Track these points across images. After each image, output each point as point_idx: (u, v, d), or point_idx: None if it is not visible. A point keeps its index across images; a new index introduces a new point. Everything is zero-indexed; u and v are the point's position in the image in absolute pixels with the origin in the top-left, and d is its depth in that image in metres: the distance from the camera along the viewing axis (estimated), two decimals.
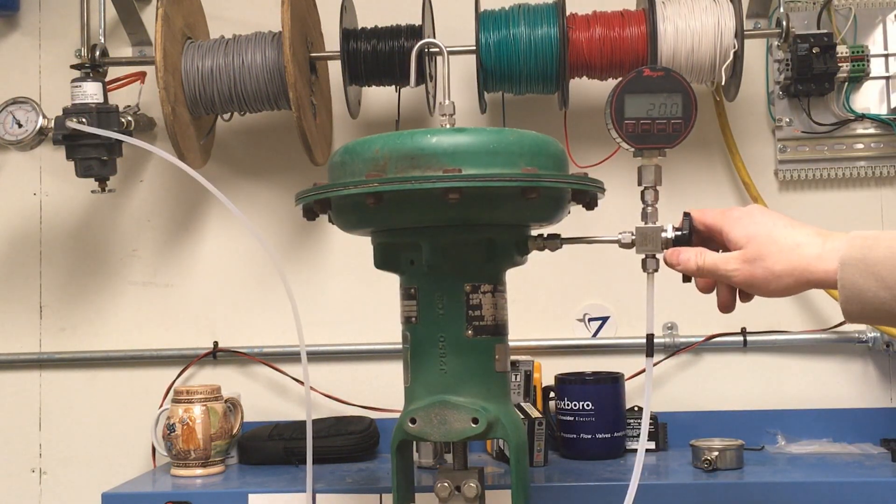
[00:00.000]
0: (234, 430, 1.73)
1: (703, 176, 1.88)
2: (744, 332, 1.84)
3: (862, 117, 1.82)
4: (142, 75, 1.88)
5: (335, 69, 1.86)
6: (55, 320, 1.97)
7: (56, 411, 1.96)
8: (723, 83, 1.74)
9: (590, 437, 1.68)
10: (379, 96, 1.91)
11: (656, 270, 1.13)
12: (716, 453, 1.57)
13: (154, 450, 1.85)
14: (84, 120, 1.65)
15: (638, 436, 1.66)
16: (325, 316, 1.92)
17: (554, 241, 1.20)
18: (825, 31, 1.76)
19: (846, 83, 1.82)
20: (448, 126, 1.19)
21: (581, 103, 1.85)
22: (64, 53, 1.95)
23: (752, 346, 1.85)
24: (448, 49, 1.32)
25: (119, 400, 1.95)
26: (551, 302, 1.90)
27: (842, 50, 1.78)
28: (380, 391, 1.89)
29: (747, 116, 1.88)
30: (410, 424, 1.17)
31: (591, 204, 1.22)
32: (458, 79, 1.82)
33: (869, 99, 1.83)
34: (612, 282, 1.89)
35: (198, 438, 1.66)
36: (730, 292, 1.10)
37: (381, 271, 1.24)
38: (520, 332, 1.71)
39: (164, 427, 1.69)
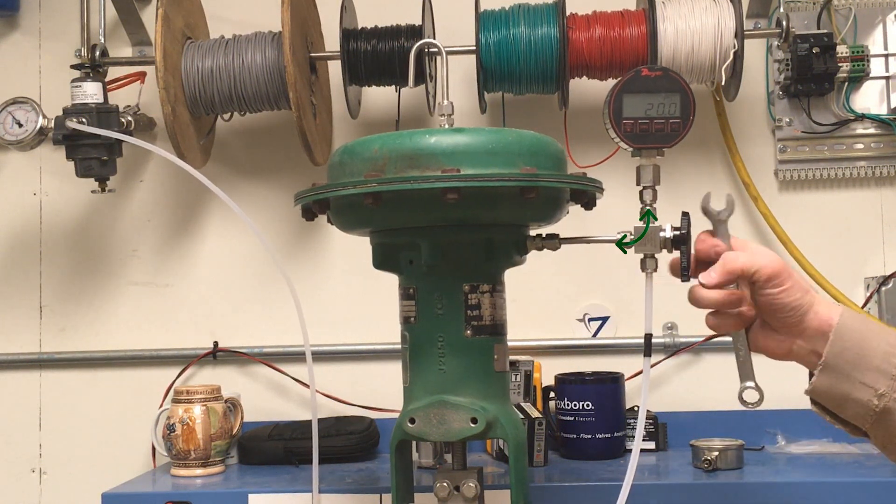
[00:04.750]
0: (234, 430, 1.74)
1: (702, 176, 1.88)
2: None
3: (862, 117, 1.82)
4: (142, 75, 1.88)
5: (335, 69, 1.86)
6: (55, 320, 1.98)
7: (56, 411, 1.96)
8: (723, 83, 1.74)
9: (590, 437, 1.68)
10: (379, 96, 1.91)
11: (655, 270, 1.13)
12: (716, 453, 1.57)
13: (154, 450, 1.85)
14: (84, 120, 1.65)
15: None
16: (325, 316, 1.91)
17: (553, 241, 1.20)
18: (825, 31, 1.76)
19: (846, 83, 1.81)
20: (447, 126, 1.19)
21: (581, 103, 1.85)
22: (64, 53, 1.95)
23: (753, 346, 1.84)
24: (448, 49, 1.32)
25: (119, 400, 1.95)
26: (551, 302, 1.90)
27: (842, 50, 1.78)
28: (380, 391, 1.89)
29: (747, 116, 1.88)
30: (410, 424, 1.17)
31: (589, 204, 1.22)
32: (458, 79, 1.82)
33: (869, 99, 1.83)
34: (612, 282, 1.88)
35: (198, 438, 1.66)
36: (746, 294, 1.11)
37: (380, 271, 1.24)
38: (520, 332, 1.71)
39: (164, 427, 1.69)
